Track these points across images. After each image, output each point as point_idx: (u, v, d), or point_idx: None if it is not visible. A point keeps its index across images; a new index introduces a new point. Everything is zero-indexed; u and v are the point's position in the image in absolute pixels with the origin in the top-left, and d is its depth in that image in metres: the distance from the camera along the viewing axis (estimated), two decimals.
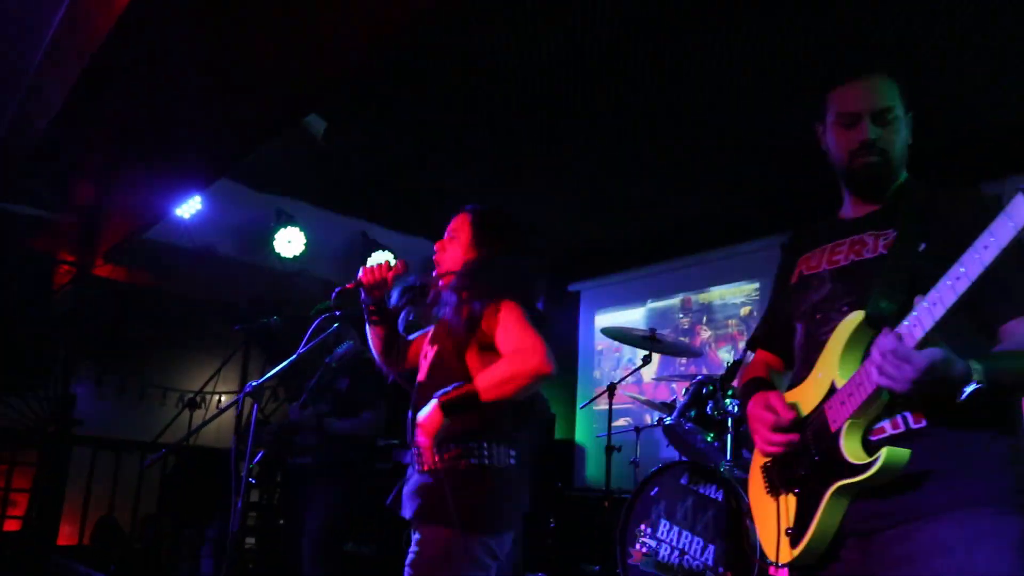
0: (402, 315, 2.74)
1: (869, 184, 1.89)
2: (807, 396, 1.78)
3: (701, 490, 3.94)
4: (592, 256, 7.53)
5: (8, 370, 5.60)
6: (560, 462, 7.01)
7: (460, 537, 2.27)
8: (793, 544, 1.74)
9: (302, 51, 3.30)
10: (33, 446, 6.14)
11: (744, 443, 4.28)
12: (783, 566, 1.77)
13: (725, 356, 6.39)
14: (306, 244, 6.33)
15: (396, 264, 2.59)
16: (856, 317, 1.69)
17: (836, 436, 1.66)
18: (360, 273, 2.58)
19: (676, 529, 3.97)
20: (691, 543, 3.89)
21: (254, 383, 3.72)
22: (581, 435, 7.18)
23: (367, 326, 2.68)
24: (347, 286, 2.61)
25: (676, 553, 3.93)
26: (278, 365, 3.77)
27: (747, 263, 6.43)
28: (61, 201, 4.97)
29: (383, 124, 5.28)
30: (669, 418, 4.50)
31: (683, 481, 4.02)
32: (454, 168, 5.96)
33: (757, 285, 6.37)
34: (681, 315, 6.81)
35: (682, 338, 6.30)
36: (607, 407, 5.03)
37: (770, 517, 1.83)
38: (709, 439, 4.28)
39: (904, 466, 1.55)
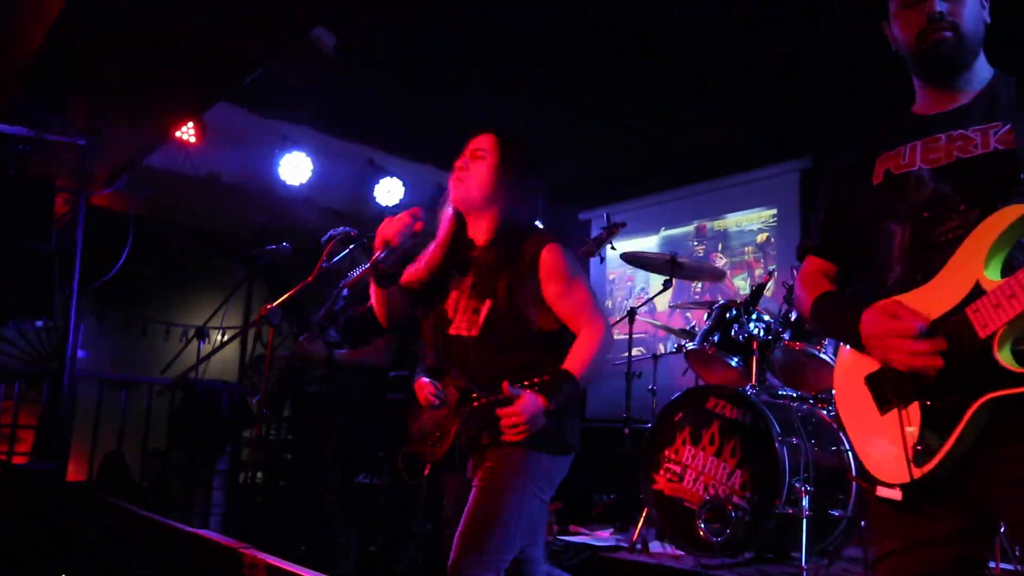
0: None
1: (942, 64, 1.75)
2: (933, 298, 1.62)
3: (727, 414, 3.85)
4: (603, 184, 7.36)
5: (7, 304, 5.45)
6: None
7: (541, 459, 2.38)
8: (919, 462, 1.59)
9: None
10: (37, 382, 6.05)
11: (769, 366, 4.19)
12: (903, 487, 1.62)
13: (741, 284, 6.28)
14: (312, 171, 6.15)
15: (415, 211, 2.47)
16: (1013, 211, 1.54)
17: (988, 342, 1.50)
18: (388, 233, 2.42)
19: (701, 454, 3.90)
20: (717, 468, 3.82)
21: (269, 306, 3.61)
22: None
23: (373, 287, 2.55)
24: (377, 258, 2.44)
25: (701, 478, 3.86)
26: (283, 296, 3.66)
27: (764, 189, 6.28)
28: (59, 122, 4.76)
29: (393, 43, 5.07)
30: (692, 343, 4.41)
31: (708, 406, 3.93)
32: (463, 93, 5.76)
33: (774, 211, 6.23)
34: (696, 243, 6.68)
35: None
36: (625, 335, 4.92)
37: (880, 433, 1.68)
38: (734, 363, 4.19)
39: None
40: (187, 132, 5.65)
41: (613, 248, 4.00)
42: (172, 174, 5.76)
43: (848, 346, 1.79)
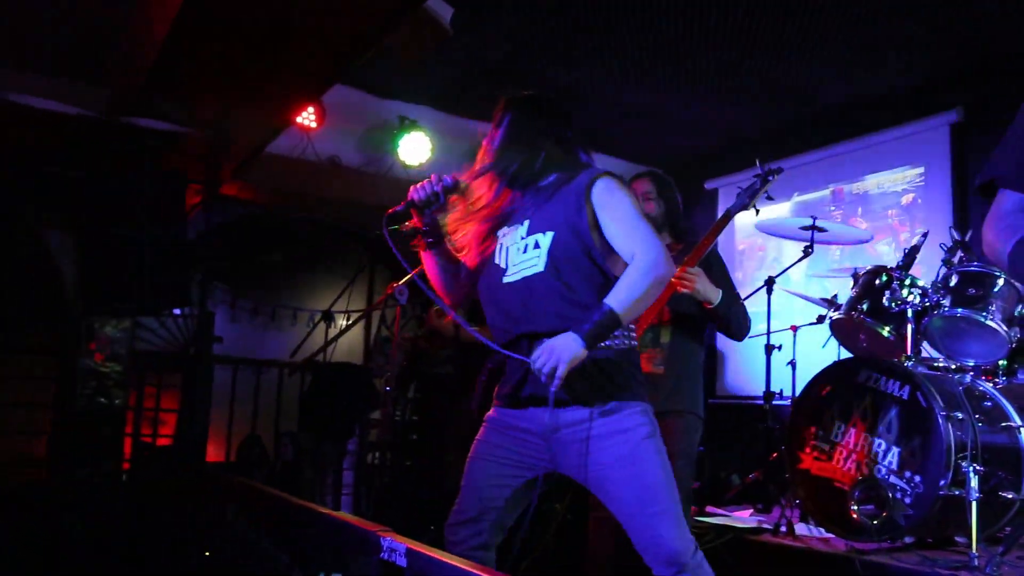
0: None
1: None
2: None
3: (882, 387, 3.56)
4: (729, 150, 7.04)
5: (148, 294, 5.66)
6: (704, 369, 6.71)
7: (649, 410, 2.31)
8: None
9: None
10: (178, 367, 6.28)
11: (926, 336, 3.86)
12: None
13: (884, 249, 5.87)
14: (431, 150, 6.11)
15: (446, 178, 2.35)
16: None
17: None
18: (410, 192, 2.35)
19: (852, 431, 3.63)
20: (871, 446, 3.54)
21: (395, 285, 3.59)
22: (722, 340, 6.82)
23: (422, 253, 2.47)
24: (396, 208, 2.36)
25: (853, 456, 3.60)
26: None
27: (908, 146, 5.84)
28: (188, 117, 4.88)
29: (506, 14, 4.94)
30: (836, 312, 4.11)
31: (860, 379, 3.65)
32: (581, 62, 5.57)
33: (921, 170, 5.78)
34: (832, 207, 6.29)
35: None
36: (758, 307, 4.66)
37: None
38: (885, 332, 3.88)
39: None
40: (308, 117, 5.70)
41: (770, 198, 3.63)
42: (295, 160, 5.83)
43: None
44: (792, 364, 4.74)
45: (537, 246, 2.28)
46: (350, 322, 5.67)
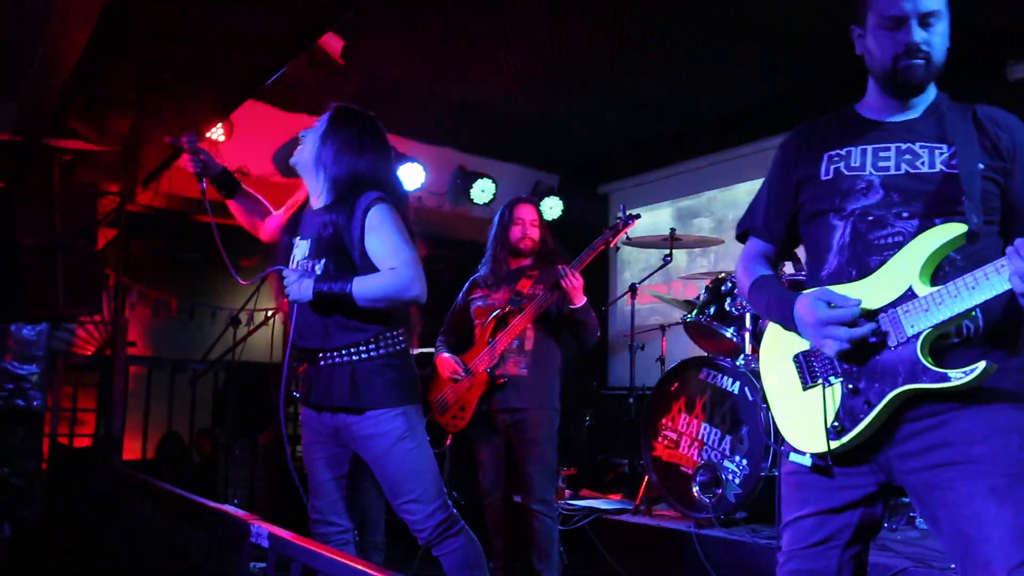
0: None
1: (910, 88, 1.91)
2: (866, 295, 1.80)
3: (718, 383, 4.10)
4: (618, 158, 7.56)
5: (65, 299, 5.87)
6: (594, 362, 7.23)
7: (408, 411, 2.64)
8: (835, 436, 1.81)
9: None
10: (95, 368, 6.50)
11: (761, 337, 4.40)
12: (817, 455, 1.85)
13: None
14: None
15: (208, 161, 2.99)
16: (952, 229, 1.73)
17: (913, 340, 1.72)
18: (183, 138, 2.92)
19: (695, 422, 4.16)
20: (709, 434, 4.07)
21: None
22: (612, 337, 7.34)
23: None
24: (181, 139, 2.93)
25: (696, 444, 4.12)
26: None
27: (769, 158, 6.39)
28: (99, 134, 5.14)
29: (401, 36, 5.32)
30: (690, 315, 4.63)
31: (701, 375, 4.18)
32: (475, 77, 5.98)
33: None
34: (707, 214, 6.85)
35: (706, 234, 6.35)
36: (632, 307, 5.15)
37: (800, 406, 1.90)
38: (728, 334, 4.41)
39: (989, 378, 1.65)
40: (217, 131, 5.99)
41: (628, 239, 4.50)
42: None
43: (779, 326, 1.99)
44: (661, 360, 5.25)
45: (312, 273, 2.65)
46: (260, 322, 5.98)
